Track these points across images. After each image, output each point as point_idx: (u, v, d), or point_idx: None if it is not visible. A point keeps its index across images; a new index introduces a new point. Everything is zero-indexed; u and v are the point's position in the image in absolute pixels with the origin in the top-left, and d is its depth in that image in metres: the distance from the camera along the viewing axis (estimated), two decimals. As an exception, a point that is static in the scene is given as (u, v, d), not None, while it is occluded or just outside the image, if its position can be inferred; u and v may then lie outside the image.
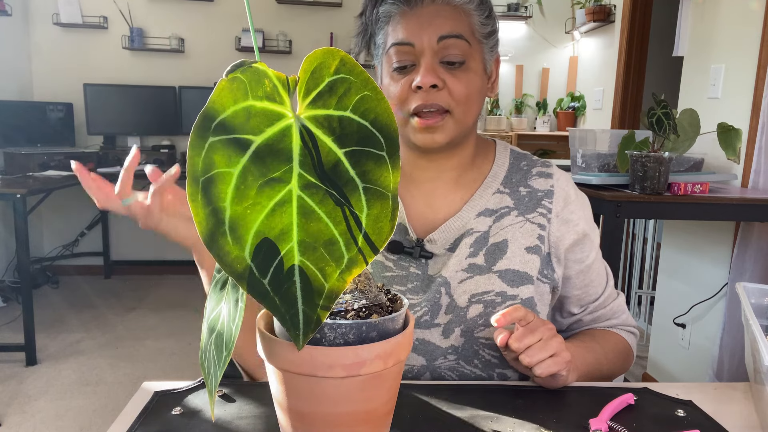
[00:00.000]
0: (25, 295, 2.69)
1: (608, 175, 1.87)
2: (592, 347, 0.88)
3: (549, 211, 0.89)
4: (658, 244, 2.97)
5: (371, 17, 0.86)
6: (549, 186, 0.90)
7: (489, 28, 0.86)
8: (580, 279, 0.92)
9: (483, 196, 0.90)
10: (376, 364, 0.50)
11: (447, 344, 0.84)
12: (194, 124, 0.41)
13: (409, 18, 0.82)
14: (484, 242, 0.87)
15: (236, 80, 0.42)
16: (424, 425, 0.67)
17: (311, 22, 4.14)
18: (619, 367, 0.93)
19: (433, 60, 0.81)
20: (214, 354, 0.46)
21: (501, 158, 0.93)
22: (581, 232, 0.90)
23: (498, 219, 0.88)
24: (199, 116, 0.41)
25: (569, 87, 4.26)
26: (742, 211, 1.83)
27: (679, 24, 2.46)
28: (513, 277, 0.85)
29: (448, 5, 0.82)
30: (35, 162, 3.41)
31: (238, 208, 0.42)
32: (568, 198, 0.90)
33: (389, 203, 0.44)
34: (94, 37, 3.98)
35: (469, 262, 0.86)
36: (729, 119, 1.83)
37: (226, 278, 0.50)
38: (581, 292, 0.93)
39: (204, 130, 0.41)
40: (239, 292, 0.46)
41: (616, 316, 0.96)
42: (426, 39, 0.80)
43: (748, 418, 0.74)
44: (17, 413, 2.30)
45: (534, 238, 0.87)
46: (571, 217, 0.90)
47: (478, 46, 0.84)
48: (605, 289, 0.96)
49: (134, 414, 0.68)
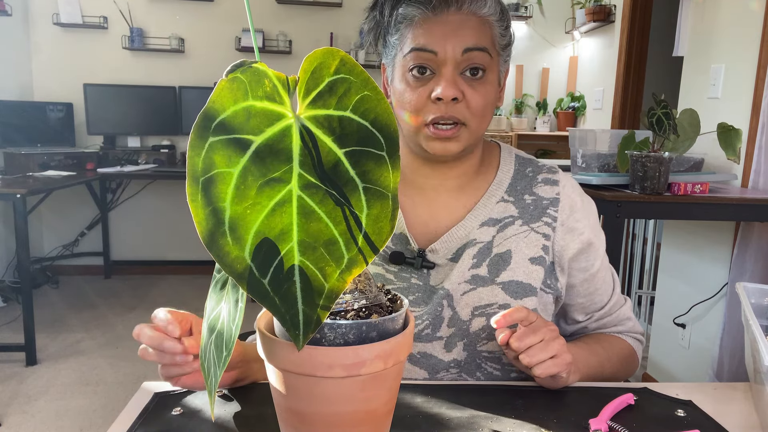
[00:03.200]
0: (25, 295, 2.69)
1: (608, 175, 1.87)
2: (595, 350, 0.87)
3: (554, 219, 0.87)
4: (658, 244, 2.96)
5: (388, 16, 0.83)
6: (555, 194, 0.88)
7: (507, 40, 0.85)
8: (584, 287, 0.91)
9: (487, 205, 0.88)
10: (376, 364, 0.50)
11: (449, 358, 0.83)
12: (194, 124, 0.41)
13: (433, 24, 0.79)
14: (487, 253, 0.85)
15: (236, 80, 0.42)
16: (424, 425, 0.67)
17: (311, 22, 4.14)
18: (621, 372, 0.92)
19: (454, 72, 0.79)
20: (214, 354, 0.46)
21: (506, 164, 0.91)
22: (586, 240, 0.88)
23: (502, 229, 0.86)
24: (199, 116, 0.41)
25: (569, 87, 4.26)
26: (742, 211, 1.83)
27: (679, 24, 2.46)
28: (516, 289, 0.84)
29: (474, 15, 0.79)
30: (35, 162, 3.41)
31: (238, 208, 0.42)
32: (574, 206, 0.89)
33: (389, 203, 0.44)
34: (94, 37, 3.98)
35: (472, 273, 0.84)
36: (729, 119, 1.83)
37: (226, 278, 0.50)
38: (586, 300, 0.92)
39: (204, 130, 0.41)
40: (239, 292, 0.46)
41: (622, 323, 0.95)
42: (450, 49, 0.78)
43: (748, 418, 0.74)
44: (17, 413, 2.30)
45: (538, 249, 0.86)
46: (576, 226, 0.88)
47: (496, 57, 0.82)
48: (611, 297, 0.94)
49: (134, 414, 0.68)
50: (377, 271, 0.87)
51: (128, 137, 4.00)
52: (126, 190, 4.17)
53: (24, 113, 3.65)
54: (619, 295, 0.96)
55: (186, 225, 4.20)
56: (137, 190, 4.16)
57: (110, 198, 4.16)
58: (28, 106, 3.73)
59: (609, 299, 0.94)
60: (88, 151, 3.81)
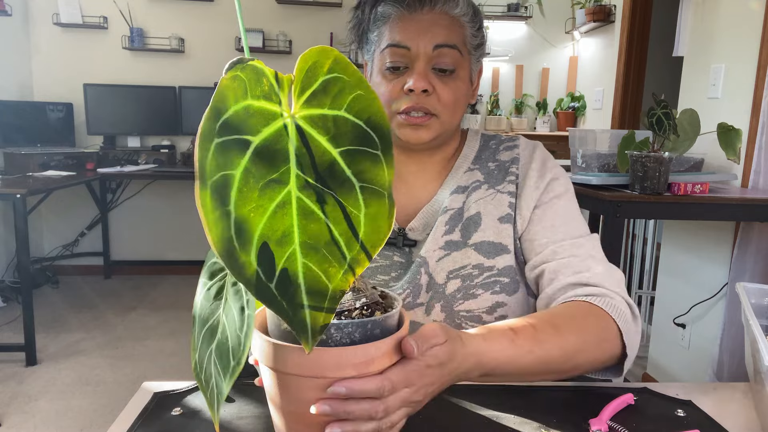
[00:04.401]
0: (25, 295, 2.69)
1: (608, 175, 1.87)
2: (528, 348, 0.69)
3: (516, 177, 0.92)
4: (658, 244, 2.96)
5: (369, 14, 0.89)
6: (515, 154, 0.94)
7: (478, 41, 0.90)
8: (537, 215, 0.87)
9: (455, 176, 0.93)
10: (383, 361, 0.50)
11: (429, 321, 0.85)
12: (201, 125, 0.40)
13: (408, 22, 0.85)
14: (459, 218, 0.90)
15: (237, 78, 0.41)
16: (424, 425, 0.67)
17: (311, 22, 4.14)
18: (596, 348, 0.75)
19: (426, 66, 0.84)
20: (217, 364, 0.46)
21: (471, 141, 0.97)
22: (545, 182, 0.89)
23: (470, 193, 0.91)
24: (205, 117, 0.40)
25: (569, 87, 4.26)
26: (742, 211, 1.83)
27: (679, 24, 2.46)
28: (488, 249, 0.88)
29: (446, 15, 0.85)
30: (35, 162, 3.41)
31: (242, 212, 0.41)
32: (533, 159, 0.93)
33: (386, 201, 0.44)
34: (94, 37, 3.98)
35: (445, 239, 0.88)
36: (729, 119, 1.83)
37: (221, 286, 0.50)
38: (539, 227, 0.86)
39: (210, 131, 0.40)
40: (244, 299, 0.45)
41: (591, 272, 0.80)
42: (422, 45, 0.84)
43: (748, 418, 0.74)
44: (17, 413, 2.30)
45: (505, 207, 0.90)
46: (531, 174, 0.91)
47: (467, 56, 0.88)
48: (577, 239, 0.85)
49: (134, 414, 0.68)
50: None
51: (128, 137, 4.00)
52: (126, 190, 4.17)
53: (24, 113, 3.64)
54: (593, 249, 0.84)
55: (186, 225, 4.20)
56: (137, 190, 4.16)
57: (110, 198, 4.16)
58: (28, 106, 3.73)
59: (566, 238, 0.85)
60: (88, 151, 3.81)
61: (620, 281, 0.82)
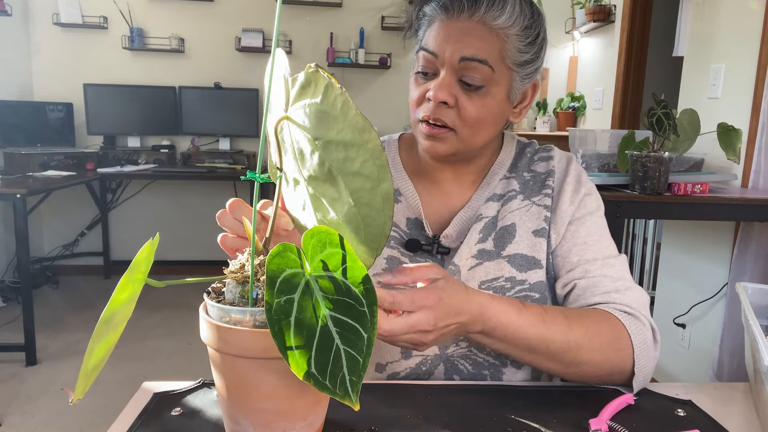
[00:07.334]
0: (25, 295, 2.69)
1: (608, 175, 1.87)
2: (545, 319, 0.75)
3: (552, 190, 0.89)
4: (658, 244, 2.96)
5: (417, 12, 0.86)
6: (551, 167, 0.91)
7: (527, 56, 0.82)
8: (570, 231, 0.87)
9: (491, 183, 0.91)
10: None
11: None
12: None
13: (443, 27, 0.80)
14: (492, 227, 0.87)
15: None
16: (424, 425, 0.67)
17: (311, 22, 4.13)
18: (601, 353, 0.76)
19: (451, 77, 0.79)
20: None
21: (507, 147, 0.94)
22: (579, 197, 0.89)
23: (506, 202, 0.89)
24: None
25: (569, 87, 4.25)
26: (742, 211, 1.83)
27: (679, 24, 2.46)
28: (522, 262, 0.86)
29: (483, 25, 0.78)
30: (35, 162, 3.41)
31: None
32: (568, 173, 0.91)
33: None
34: (94, 37, 3.98)
35: (478, 248, 0.86)
36: (729, 119, 1.83)
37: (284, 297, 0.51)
38: (570, 245, 0.86)
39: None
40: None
41: (620, 293, 0.82)
42: (448, 54, 0.78)
43: (748, 418, 0.74)
44: (17, 413, 2.30)
45: (541, 221, 0.88)
46: (566, 188, 0.89)
47: (505, 72, 0.81)
48: (609, 259, 0.85)
49: (134, 414, 0.68)
50: (392, 254, 0.88)
51: (128, 137, 4.00)
52: (126, 190, 4.17)
53: (24, 113, 3.64)
54: (622, 270, 0.85)
55: (186, 225, 4.20)
56: (137, 190, 4.16)
57: (110, 198, 4.16)
58: (28, 106, 3.73)
59: (599, 257, 0.85)
60: (88, 151, 3.81)
61: (646, 304, 0.83)
